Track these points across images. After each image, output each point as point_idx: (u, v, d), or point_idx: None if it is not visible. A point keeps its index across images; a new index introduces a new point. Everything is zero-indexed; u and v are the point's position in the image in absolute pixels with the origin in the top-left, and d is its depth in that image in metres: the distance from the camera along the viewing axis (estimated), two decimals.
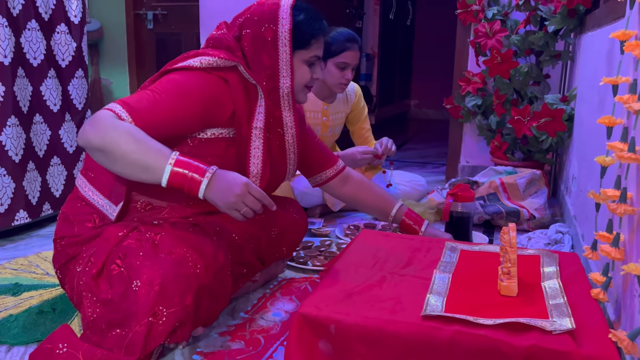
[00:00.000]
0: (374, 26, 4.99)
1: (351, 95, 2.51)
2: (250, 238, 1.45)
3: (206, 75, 1.27)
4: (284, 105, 1.38)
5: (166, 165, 1.13)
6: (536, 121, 2.39)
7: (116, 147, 1.12)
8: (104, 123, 1.13)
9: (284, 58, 1.32)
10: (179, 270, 1.14)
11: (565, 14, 2.39)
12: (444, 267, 1.29)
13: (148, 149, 1.13)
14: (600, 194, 1.09)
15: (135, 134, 1.14)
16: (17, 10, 1.93)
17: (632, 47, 1.05)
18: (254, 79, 1.31)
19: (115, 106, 1.17)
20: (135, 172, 1.15)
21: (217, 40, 1.34)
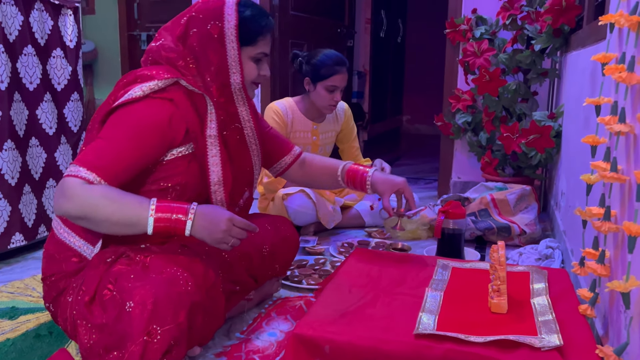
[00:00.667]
0: (365, 44, 5.06)
1: (340, 114, 2.56)
2: (242, 256, 1.47)
3: (151, 102, 1.27)
4: (238, 100, 1.39)
5: (148, 217, 1.16)
6: (525, 138, 2.44)
7: (96, 214, 1.15)
8: (77, 192, 1.15)
9: (232, 54, 1.33)
10: (171, 288, 1.15)
11: (550, 33, 2.45)
12: (436, 285, 1.32)
13: (126, 205, 1.17)
14: (585, 211, 1.13)
15: (110, 194, 1.17)
16: (14, 36, 1.97)
17: (612, 71, 1.09)
18: (198, 89, 1.32)
19: (79, 170, 1.18)
20: (121, 230, 1.19)
21: (156, 53, 1.35)
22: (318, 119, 2.47)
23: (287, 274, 1.83)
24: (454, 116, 2.98)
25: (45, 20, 2.12)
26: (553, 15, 2.34)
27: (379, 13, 5.17)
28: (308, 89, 2.37)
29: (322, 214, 2.33)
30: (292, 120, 2.41)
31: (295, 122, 2.42)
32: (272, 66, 3.37)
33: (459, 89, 2.97)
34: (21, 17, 1.99)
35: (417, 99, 6.63)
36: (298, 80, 3.61)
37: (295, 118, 2.42)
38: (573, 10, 2.29)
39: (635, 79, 1.01)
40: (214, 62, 1.32)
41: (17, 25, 1.98)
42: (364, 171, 1.63)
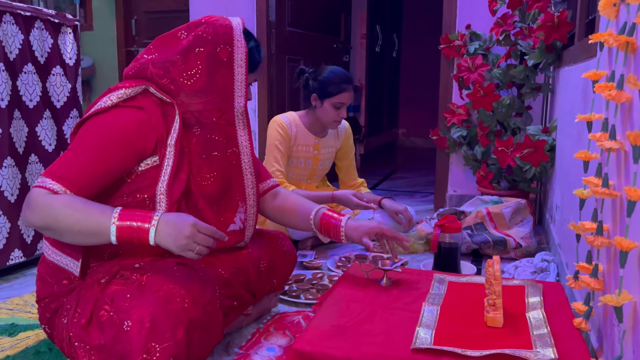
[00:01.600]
0: (360, 59, 5.11)
1: (341, 132, 2.61)
2: (238, 272, 1.48)
3: (121, 110, 1.26)
4: (239, 124, 1.41)
5: (110, 225, 1.16)
6: (519, 152, 2.47)
7: (58, 224, 1.15)
8: (39, 202, 1.15)
9: (240, 79, 1.36)
10: (168, 306, 1.15)
11: (543, 48, 2.49)
12: (433, 299, 1.34)
13: (89, 215, 1.16)
14: (579, 226, 1.15)
15: (72, 204, 1.16)
16: (14, 55, 1.99)
17: (602, 88, 1.12)
18: (165, 96, 1.31)
19: (45, 180, 1.18)
20: (85, 239, 1.19)
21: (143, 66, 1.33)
22: (320, 133, 2.51)
23: (285, 289, 1.84)
24: (449, 130, 3.02)
25: (45, 38, 2.15)
26: (545, 31, 2.38)
27: (375, 28, 5.24)
28: (315, 104, 2.41)
29: None
30: (296, 134, 2.45)
31: (299, 135, 2.46)
32: (268, 81, 3.41)
33: (454, 103, 3.01)
34: (21, 36, 2.02)
35: (412, 112, 6.69)
36: (295, 95, 3.66)
37: (299, 132, 2.46)
38: (565, 27, 2.33)
39: (625, 96, 1.04)
40: (220, 85, 1.34)
41: (18, 43, 2.01)
42: (337, 222, 1.55)
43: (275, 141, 2.39)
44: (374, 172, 4.66)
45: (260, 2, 3.34)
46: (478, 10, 2.95)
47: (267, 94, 3.43)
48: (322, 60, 3.84)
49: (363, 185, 2.71)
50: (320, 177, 2.64)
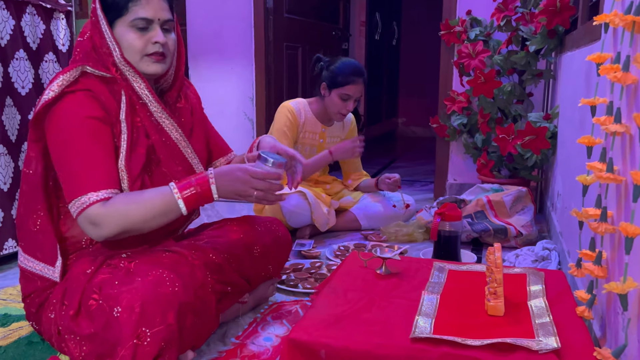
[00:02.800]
0: (360, 47, 5.06)
1: (347, 124, 2.61)
2: (230, 257, 1.45)
3: (74, 97, 1.22)
4: (130, 76, 1.28)
5: (177, 200, 1.21)
6: (520, 139, 2.43)
7: (132, 221, 1.19)
8: (103, 215, 1.17)
9: (105, 30, 1.26)
10: (158, 290, 1.14)
11: (545, 34, 2.45)
12: (432, 287, 1.31)
13: (152, 200, 1.21)
14: (582, 212, 1.12)
15: (129, 199, 1.21)
16: (5, 41, 1.95)
17: (607, 71, 1.08)
18: (103, 71, 1.26)
19: (85, 199, 1.18)
20: (160, 222, 1.23)
21: (83, 53, 1.30)
22: (328, 122, 2.52)
23: (283, 278, 1.81)
24: (449, 118, 2.98)
25: (37, 24, 2.11)
26: (547, 16, 2.34)
27: (374, 15, 5.18)
28: (323, 93, 2.41)
29: (317, 215, 2.32)
30: (304, 121, 2.45)
31: (307, 122, 2.46)
32: (266, 69, 3.37)
33: (454, 90, 2.97)
34: (12, 22, 1.98)
35: (412, 101, 6.64)
36: (293, 82, 3.62)
37: (307, 118, 2.46)
38: (567, 11, 2.29)
39: (630, 78, 1.00)
40: (97, 44, 1.27)
41: (9, 29, 1.96)
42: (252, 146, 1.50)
43: (284, 127, 2.38)
44: (374, 161, 4.63)
45: None
46: None
47: (265, 81, 3.39)
48: (320, 48, 3.79)
49: (367, 177, 2.70)
50: (322, 168, 2.62)
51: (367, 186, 2.64)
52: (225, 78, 3.46)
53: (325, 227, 2.38)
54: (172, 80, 1.41)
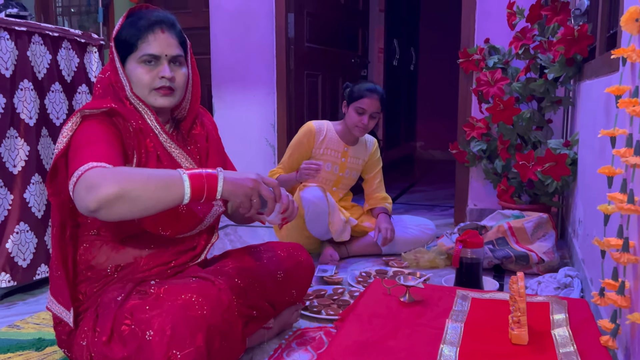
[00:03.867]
0: (378, 73, 5.14)
1: (370, 145, 2.68)
2: (255, 282, 1.49)
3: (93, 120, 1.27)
4: (142, 111, 1.36)
5: (181, 175, 1.15)
6: (540, 166, 2.45)
7: (134, 183, 1.11)
8: (103, 174, 1.11)
9: (118, 65, 1.35)
10: (187, 313, 1.17)
11: (563, 62, 2.48)
12: (456, 316, 1.33)
13: (156, 170, 1.19)
14: (604, 242, 1.14)
15: (132, 168, 1.22)
16: (42, 74, 2.05)
17: (626, 104, 1.12)
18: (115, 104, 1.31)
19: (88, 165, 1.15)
20: (160, 195, 1.13)
21: (104, 89, 1.38)
22: (351, 143, 2.60)
23: (306, 304, 1.84)
24: (468, 144, 3.01)
25: (72, 58, 2.21)
26: (565, 44, 2.38)
27: (392, 42, 5.26)
28: (344, 111, 2.55)
29: (334, 218, 2.36)
30: (324, 138, 2.55)
31: (328, 140, 2.56)
32: (287, 96, 3.45)
33: (473, 117, 3.00)
34: (49, 56, 2.08)
35: (430, 124, 6.68)
36: (313, 109, 3.69)
37: (329, 137, 2.56)
38: (585, 40, 2.32)
39: None
40: (113, 79, 1.36)
41: (46, 63, 2.06)
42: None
43: (292, 145, 2.54)
44: (393, 185, 4.65)
45: (280, 19, 3.38)
46: (496, 24, 2.95)
47: (286, 108, 3.46)
48: (340, 75, 3.87)
49: (387, 201, 2.70)
50: (346, 187, 2.67)
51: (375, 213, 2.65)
52: (247, 105, 3.55)
53: (339, 237, 2.41)
54: (187, 110, 1.48)
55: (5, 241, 1.94)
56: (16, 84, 1.95)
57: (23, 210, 1.98)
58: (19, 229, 1.97)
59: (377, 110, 2.49)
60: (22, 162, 1.97)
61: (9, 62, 1.91)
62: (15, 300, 2.00)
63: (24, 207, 1.99)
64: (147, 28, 1.34)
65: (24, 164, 1.97)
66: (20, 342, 1.62)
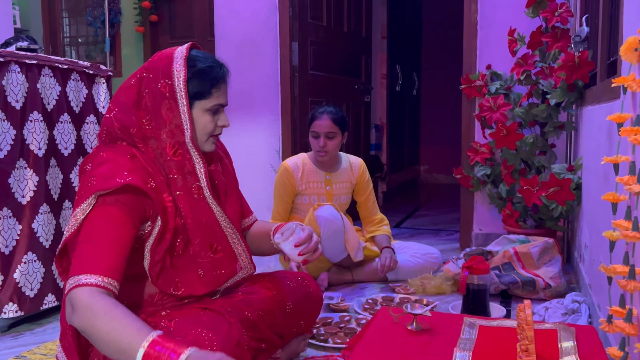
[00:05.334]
0: (381, 98, 5.19)
1: (356, 168, 2.63)
2: (264, 314, 1.49)
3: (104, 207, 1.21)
4: (195, 157, 1.35)
5: (139, 348, 1.06)
6: (545, 191, 2.46)
7: (93, 328, 1.11)
8: (81, 302, 1.12)
9: (183, 110, 1.31)
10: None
11: (565, 88, 2.51)
12: (464, 344, 1.33)
13: (124, 328, 1.09)
14: (610, 268, 1.14)
15: (113, 311, 1.11)
16: (52, 106, 2.09)
17: (627, 132, 1.13)
18: (151, 163, 1.30)
19: (79, 278, 1.14)
20: (109, 354, 1.12)
21: (110, 126, 1.34)
22: (330, 168, 2.57)
23: (313, 332, 1.84)
24: (472, 169, 3.02)
25: (80, 89, 2.25)
26: (567, 71, 2.41)
27: (394, 68, 5.32)
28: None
29: (350, 237, 2.36)
30: (302, 173, 2.52)
31: (307, 173, 2.53)
32: (292, 123, 3.49)
33: (476, 142, 3.02)
34: (59, 88, 2.12)
35: (434, 148, 6.71)
36: None
37: (307, 170, 2.54)
38: (586, 67, 2.35)
39: None
40: (167, 120, 1.32)
41: (55, 95, 2.10)
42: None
43: (276, 190, 2.54)
44: (397, 209, 4.66)
45: (284, 47, 3.44)
46: (498, 51, 2.99)
47: (291, 135, 3.50)
48: (343, 101, 3.91)
49: (384, 223, 2.69)
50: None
51: (378, 244, 2.61)
52: (253, 132, 3.59)
53: (356, 257, 2.41)
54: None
55: (13, 271, 1.95)
56: (26, 116, 1.98)
57: (31, 240, 2.00)
58: (27, 258, 1.98)
59: (331, 129, 2.43)
60: (30, 193, 1.99)
61: (19, 94, 1.95)
62: (22, 330, 2.00)
63: (32, 237, 2.00)
64: (221, 79, 1.37)
65: (32, 194, 2.00)
66: None
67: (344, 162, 2.61)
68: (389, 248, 2.53)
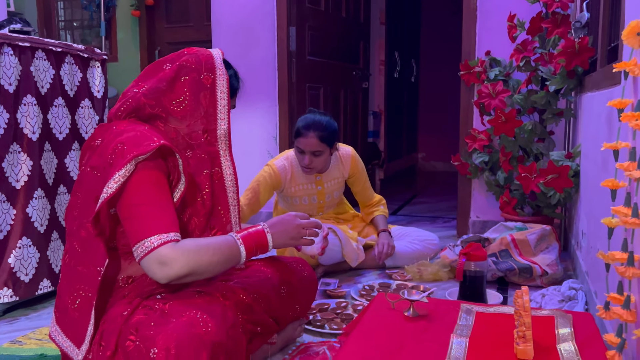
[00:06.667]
0: (379, 85, 5.16)
1: (346, 160, 2.56)
2: (259, 297, 1.49)
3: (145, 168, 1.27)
4: (221, 146, 1.45)
5: (239, 247, 1.32)
6: (543, 178, 2.45)
7: (201, 262, 1.24)
8: (174, 254, 1.20)
9: (222, 104, 1.43)
10: (191, 330, 1.17)
11: (564, 74, 2.48)
12: (461, 330, 1.32)
13: (219, 246, 1.29)
14: (608, 255, 1.13)
15: (198, 244, 1.26)
16: (45, 89, 2.06)
17: (628, 118, 1.12)
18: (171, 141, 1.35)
19: (152, 240, 1.20)
20: (223, 267, 1.31)
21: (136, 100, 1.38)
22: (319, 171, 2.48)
23: (310, 318, 1.84)
24: (470, 156, 3.01)
25: (75, 72, 2.22)
26: (566, 57, 2.39)
27: (393, 54, 5.29)
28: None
29: (347, 251, 2.35)
30: (291, 176, 2.45)
31: (296, 175, 2.46)
32: (289, 109, 3.47)
33: (475, 129, 3.01)
34: (53, 71, 2.09)
35: (432, 136, 6.69)
36: None
37: (295, 172, 2.45)
38: (586, 53, 2.33)
39: None
40: (204, 106, 1.41)
41: (49, 78, 2.08)
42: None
43: (256, 183, 2.40)
44: (395, 197, 4.65)
45: (281, 32, 3.40)
46: (497, 37, 2.97)
47: (288, 121, 3.47)
48: (341, 88, 3.89)
49: (382, 203, 2.67)
50: (332, 207, 2.64)
51: (375, 226, 2.61)
52: (250, 118, 3.56)
53: (355, 263, 2.41)
54: None
55: (8, 256, 1.94)
56: (19, 99, 1.96)
57: (26, 225, 1.98)
58: (22, 243, 1.97)
59: (317, 149, 2.29)
60: (24, 177, 1.97)
61: (12, 77, 1.93)
62: (17, 315, 1.99)
63: (27, 222, 1.99)
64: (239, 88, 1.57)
65: (26, 179, 1.98)
66: (23, 358, 1.62)
67: (333, 158, 2.51)
68: (386, 232, 2.53)
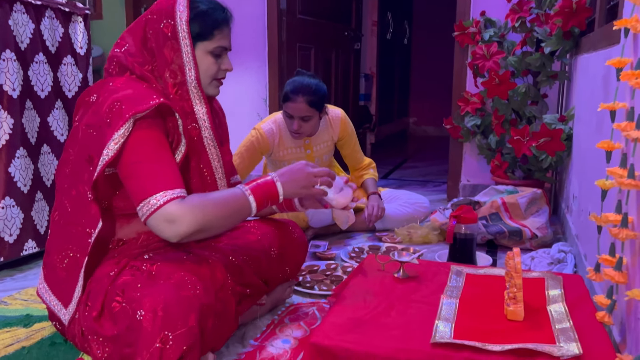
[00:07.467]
0: (371, 47, 5.07)
1: (336, 123, 2.49)
2: (249, 259, 1.48)
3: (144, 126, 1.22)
4: (194, 98, 1.35)
5: (248, 197, 1.27)
6: (535, 141, 2.43)
7: (209, 217, 1.20)
8: (181, 211, 1.16)
9: (186, 50, 1.31)
10: (180, 292, 1.15)
11: (560, 35, 2.43)
12: (451, 292, 1.32)
13: (226, 200, 1.24)
14: (601, 217, 1.12)
15: (205, 198, 1.22)
16: (25, 44, 1.98)
17: (628, 77, 1.08)
18: (163, 96, 1.29)
19: (157, 197, 1.16)
20: (233, 221, 1.29)
21: (123, 60, 1.33)
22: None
23: (299, 280, 1.83)
24: (463, 119, 2.98)
25: (56, 27, 2.13)
26: (563, 17, 2.33)
27: (386, 15, 5.18)
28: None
29: (337, 214, 2.32)
30: (280, 140, 2.39)
31: (284, 139, 2.39)
32: (279, 70, 3.38)
33: (467, 91, 2.96)
34: (32, 25, 2.00)
35: (423, 100, 6.63)
36: None
37: (284, 136, 2.39)
38: (584, 13, 2.28)
39: None
40: (169, 60, 1.31)
41: (29, 33, 1.99)
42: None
43: (243, 148, 2.36)
44: (385, 161, 4.63)
45: None
46: None
47: (278, 82, 3.40)
48: (333, 48, 3.81)
49: (372, 167, 2.64)
50: None
51: (365, 189, 2.58)
52: (238, 79, 3.48)
53: (345, 225, 2.38)
54: None
55: None
56: None
57: (8, 185, 1.93)
58: (5, 204, 1.92)
59: (305, 114, 2.22)
60: (6, 136, 1.91)
61: None
62: (2, 276, 1.97)
63: (9, 182, 1.94)
64: (224, 21, 1.36)
65: (8, 138, 1.92)
66: (8, 318, 1.60)
67: (322, 121, 2.44)
68: (376, 194, 2.51)
